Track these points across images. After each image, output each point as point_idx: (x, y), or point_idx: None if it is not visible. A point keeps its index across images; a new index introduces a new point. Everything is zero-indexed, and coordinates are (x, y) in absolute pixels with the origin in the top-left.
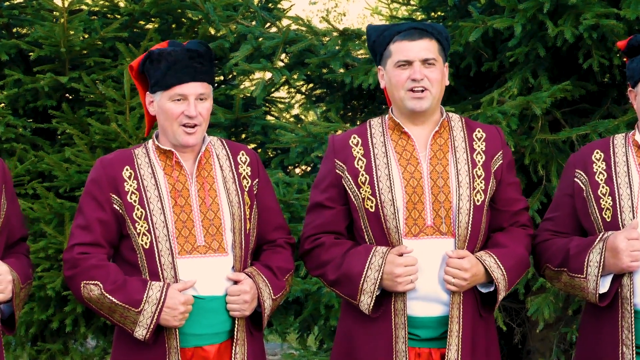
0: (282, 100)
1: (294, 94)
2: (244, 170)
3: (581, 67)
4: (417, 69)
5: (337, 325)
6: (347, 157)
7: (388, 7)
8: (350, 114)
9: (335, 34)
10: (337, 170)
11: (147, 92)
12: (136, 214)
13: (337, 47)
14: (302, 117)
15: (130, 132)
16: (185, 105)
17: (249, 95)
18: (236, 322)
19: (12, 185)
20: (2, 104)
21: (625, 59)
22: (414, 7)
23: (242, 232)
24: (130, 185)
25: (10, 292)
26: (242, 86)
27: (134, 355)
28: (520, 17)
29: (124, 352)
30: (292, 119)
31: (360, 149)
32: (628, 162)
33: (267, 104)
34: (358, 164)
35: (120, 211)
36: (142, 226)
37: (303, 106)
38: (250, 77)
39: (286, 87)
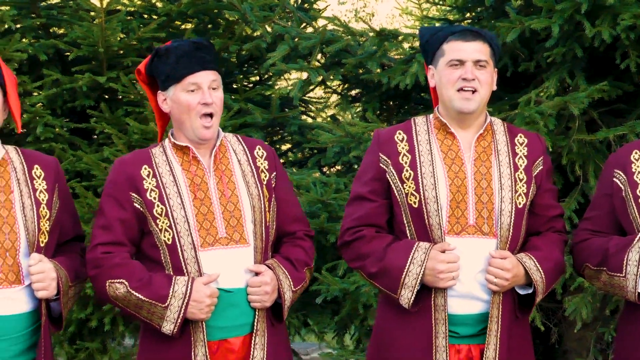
0: (318, 100)
1: (329, 94)
2: (262, 163)
3: (618, 68)
4: (469, 69)
5: (374, 321)
6: (392, 152)
7: (419, 7)
8: (385, 114)
9: (372, 34)
10: (381, 164)
11: (158, 92)
12: (156, 211)
13: (373, 48)
14: (339, 117)
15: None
16: (200, 94)
17: (284, 95)
18: (257, 313)
19: (66, 184)
20: (41, 104)
21: None
22: (448, 8)
23: (263, 224)
24: (149, 183)
25: (55, 289)
26: (276, 86)
27: (161, 350)
28: (557, 18)
29: (151, 347)
30: (327, 119)
31: (405, 145)
32: None
33: (302, 104)
34: (403, 160)
35: (141, 209)
36: (163, 222)
37: (340, 106)
38: (285, 77)
39: (321, 87)
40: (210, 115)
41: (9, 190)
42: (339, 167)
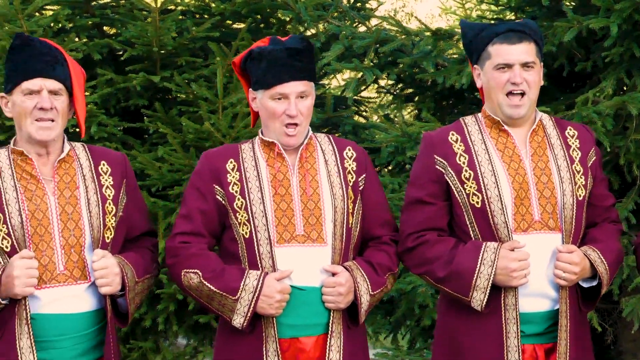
0: (370, 100)
1: (383, 93)
2: (350, 165)
3: None
4: (517, 73)
5: (436, 324)
6: (448, 153)
7: (462, 6)
8: (438, 113)
9: (427, 33)
10: (438, 166)
11: (250, 89)
12: (237, 204)
13: (428, 47)
14: (393, 117)
15: (223, 131)
16: (286, 104)
17: (337, 94)
18: (331, 314)
19: (135, 180)
20: (94, 104)
21: None
22: (502, 7)
23: (344, 225)
24: (233, 177)
25: (118, 285)
26: (328, 86)
27: (234, 344)
28: (616, 17)
29: (225, 340)
30: (381, 119)
31: (460, 145)
32: None
33: (355, 104)
34: (460, 160)
35: (223, 202)
36: (242, 216)
37: (394, 106)
38: (338, 76)
39: (374, 86)
40: (295, 123)
41: (75, 187)
42: (390, 167)
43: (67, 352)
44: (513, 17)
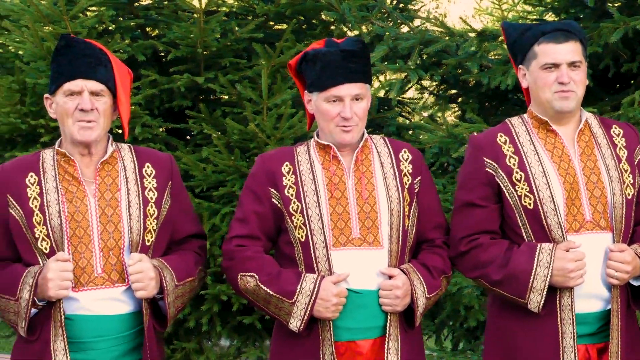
0: (413, 101)
1: (425, 94)
2: (406, 167)
3: None
4: (564, 72)
5: (486, 325)
6: (498, 155)
7: (499, 7)
8: (481, 115)
9: (472, 34)
10: (488, 169)
11: (305, 91)
12: (292, 207)
13: (472, 48)
14: (436, 118)
15: (268, 132)
16: (341, 106)
17: (381, 96)
18: (389, 317)
19: (181, 182)
20: (137, 105)
21: None
22: (543, 8)
23: (400, 228)
24: (289, 180)
25: (154, 288)
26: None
27: (290, 347)
28: None
29: (281, 343)
30: (425, 120)
31: (509, 147)
32: None
33: (398, 105)
34: (510, 162)
35: (279, 205)
36: (298, 219)
37: (438, 107)
38: (380, 77)
39: (416, 88)
40: (349, 126)
41: (116, 189)
42: (434, 169)
43: (105, 353)
44: (556, 19)
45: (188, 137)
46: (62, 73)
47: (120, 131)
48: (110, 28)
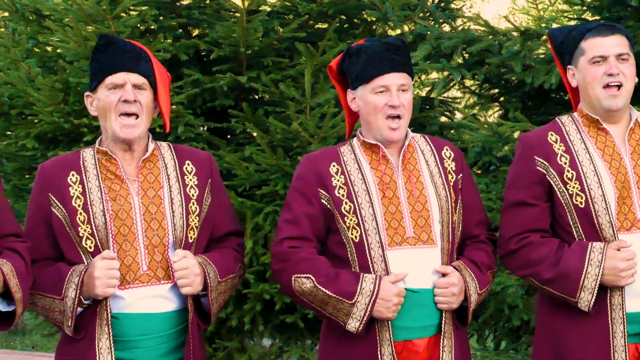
0: (454, 100)
1: (467, 93)
2: (449, 165)
3: None
4: (612, 64)
5: (536, 324)
6: (549, 154)
7: (535, 6)
8: (523, 114)
9: (515, 33)
10: (539, 167)
11: (348, 90)
12: (344, 208)
13: (516, 47)
14: (479, 117)
15: (311, 131)
16: (388, 96)
17: (423, 95)
18: (443, 315)
19: (220, 180)
20: (180, 104)
21: None
22: (582, 7)
23: (449, 225)
24: (338, 180)
25: (199, 285)
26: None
27: (345, 349)
28: None
29: (334, 345)
30: (470, 119)
31: (560, 145)
32: None
33: (440, 104)
34: (561, 160)
35: (329, 206)
36: (351, 220)
37: (481, 106)
38: (421, 77)
39: (457, 87)
40: (398, 117)
41: (159, 186)
42: (475, 168)
43: (151, 351)
44: (597, 18)
45: (229, 136)
46: (103, 69)
47: (160, 130)
48: (152, 27)
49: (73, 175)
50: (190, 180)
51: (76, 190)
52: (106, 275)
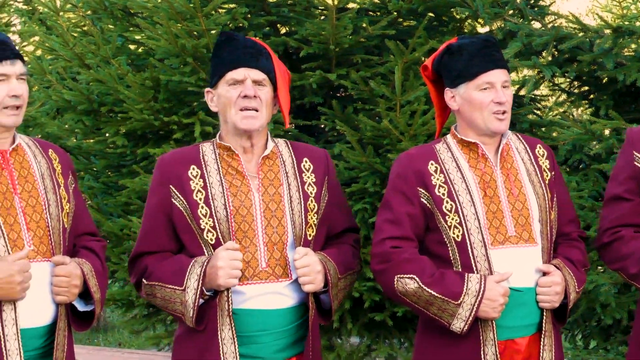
0: (544, 97)
1: (556, 91)
2: (544, 163)
3: None
4: None
5: (635, 321)
6: None
7: (619, 4)
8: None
9: (607, 31)
10: (636, 162)
11: (446, 89)
12: (446, 207)
13: (607, 45)
14: (570, 114)
15: (401, 129)
16: (493, 92)
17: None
18: (544, 313)
19: (336, 177)
20: None
21: None
22: None
23: (548, 223)
24: (437, 179)
25: (321, 282)
26: None
27: (445, 348)
28: None
29: (434, 345)
30: (563, 116)
31: None
32: None
33: (530, 102)
34: None
35: (428, 205)
36: (452, 219)
37: (573, 103)
38: (512, 74)
39: (546, 84)
40: (503, 112)
41: (278, 184)
42: (564, 166)
43: (268, 347)
44: None
45: (316, 133)
46: (224, 64)
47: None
48: (242, 25)
49: (193, 169)
50: (308, 177)
51: (197, 184)
52: (229, 265)
